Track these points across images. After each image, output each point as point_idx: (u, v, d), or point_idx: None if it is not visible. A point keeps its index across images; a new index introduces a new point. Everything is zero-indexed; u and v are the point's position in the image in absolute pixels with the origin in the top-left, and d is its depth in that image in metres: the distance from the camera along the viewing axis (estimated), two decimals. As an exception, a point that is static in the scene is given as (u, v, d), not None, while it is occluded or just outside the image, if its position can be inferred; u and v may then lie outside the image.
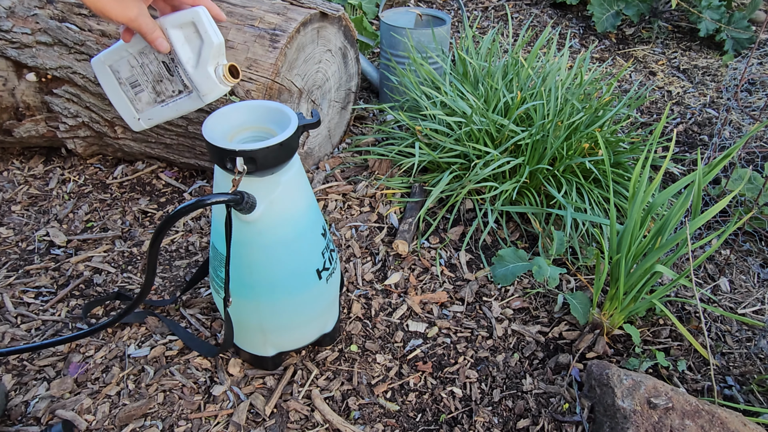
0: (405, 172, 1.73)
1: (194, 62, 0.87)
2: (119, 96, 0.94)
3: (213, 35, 0.85)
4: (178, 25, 0.85)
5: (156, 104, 0.94)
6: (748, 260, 1.51)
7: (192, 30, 0.86)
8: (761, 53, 2.62)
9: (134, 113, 0.95)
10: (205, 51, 0.86)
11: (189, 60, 0.87)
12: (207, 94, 0.89)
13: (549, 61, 1.78)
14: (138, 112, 0.95)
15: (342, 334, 1.27)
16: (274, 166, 0.90)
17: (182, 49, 0.87)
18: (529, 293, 1.39)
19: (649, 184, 1.18)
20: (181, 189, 1.71)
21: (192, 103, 0.92)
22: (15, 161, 1.82)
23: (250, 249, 0.97)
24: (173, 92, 0.92)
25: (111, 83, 0.93)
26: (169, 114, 0.94)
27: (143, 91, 0.93)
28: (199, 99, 0.90)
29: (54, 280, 1.40)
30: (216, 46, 0.86)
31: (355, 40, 1.78)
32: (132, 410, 1.10)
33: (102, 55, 0.92)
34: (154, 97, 0.93)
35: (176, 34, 0.86)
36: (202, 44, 0.86)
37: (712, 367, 1.17)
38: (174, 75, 0.90)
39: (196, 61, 0.87)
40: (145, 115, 0.95)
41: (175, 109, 0.93)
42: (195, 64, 0.87)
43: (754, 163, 1.84)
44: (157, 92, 0.93)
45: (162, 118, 0.95)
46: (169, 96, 0.93)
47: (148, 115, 0.95)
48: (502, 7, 2.94)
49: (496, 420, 1.11)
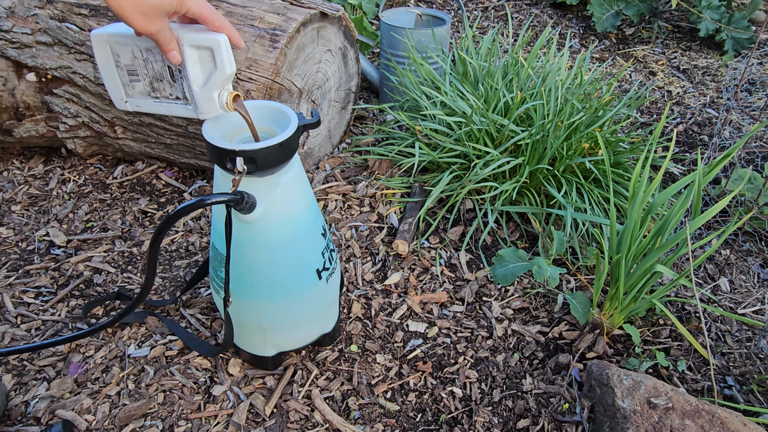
0: (405, 172, 1.73)
1: (201, 83, 0.87)
2: (112, 76, 0.93)
3: (227, 65, 0.84)
4: (195, 46, 0.84)
5: (149, 97, 0.93)
6: (748, 260, 1.51)
7: (208, 54, 0.85)
8: (761, 53, 2.62)
9: (123, 95, 0.94)
10: (215, 77, 0.85)
11: (197, 79, 0.87)
12: (204, 113, 0.89)
13: (549, 61, 1.78)
14: (127, 96, 0.94)
15: (342, 334, 1.27)
16: (274, 166, 0.90)
17: (193, 68, 0.86)
18: (529, 293, 1.39)
19: (649, 184, 1.18)
20: (181, 189, 1.71)
21: (186, 112, 0.92)
22: (15, 161, 1.82)
23: (250, 249, 0.97)
24: (170, 95, 0.92)
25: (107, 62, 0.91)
26: (158, 109, 0.94)
27: (140, 81, 0.92)
28: (194, 113, 0.90)
29: (54, 280, 1.40)
30: (228, 76, 0.85)
31: (355, 40, 1.78)
32: (132, 410, 1.10)
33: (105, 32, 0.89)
34: (148, 91, 0.92)
35: (191, 53, 0.85)
36: (214, 70, 0.85)
37: (712, 367, 1.17)
38: (176, 82, 0.90)
39: (203, 82, 0.87)
40: (134, 101, 0.94)
41: (167, 109, 0.93)
42: (202, 85, 0.87)
43: (754, 163, 1.84)
44: (154, 88, 0.92)
45: (150, 110, 0.95)
46: (165, 96, 0.92)
47: (136, 102, 0.94)
48: (502, 7, 2.94)
49: (496, 420, 1.11)
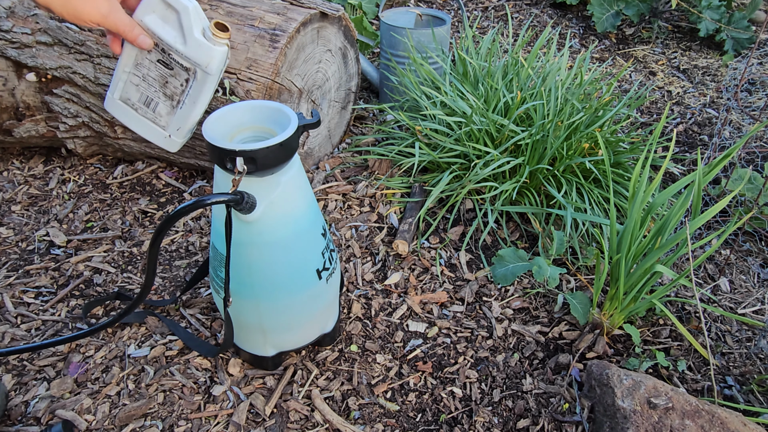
0: (405, 172, 1.73)
1: (181, 38, 0.83)
2: (142, 123, 0.92)
3: (184, 0, 0.81)
4: (150, 10, 0.82)
5: (175, 109, 0.91)
6: (748, 260, 1.51)
7: (164, 7, 0.81)
8: (761, 53, 2.62)
9: (162, 132, 0.93)
10: (184, 20, 0.82)
11: (175, 39, 0.83)
12: (209, 63, 0.85)
13: (549, 61, 1.78)
14: (165, 129, 0.92)
15: (342, 334, 1.27)
16: (274, 166, 0.90)
17: (164, 31, 0.83)
18: (529, 293, 1.39)
19: (649, 184, 1.18)
20: (181, 189, 1.71)
21: (203, 85, 0.88)
22: (15, 161, 1.82)
23: (250, 249, 0.97)
24: (181, 85, 0.89)
25: (130, 115, 0.91)
26: (191, 112, 0.90)
27: (158, 104, 0.91)
28: (205, 74, 0.86)
29: (54, 280, 1.40)
30: (192, 10, 0.81)
31: (355, 40, 1.78)
32: (132, 410, 1.10)
33: (108, 93, 0.91)
34: (169, 104, 0.90)
35: (152, 20, 0.82)
36: (178, 15, 0.82)
37: (712, 367, 1.17)
38: (174, 67, 0.87)
39: (182, 35, 0.83)
40: (173, 126, 0.92)
41: (193, 103, 0.89)
42: (183, 40, 0.83)
43: (754, 163, 1.84)
44: (169, 96, 0.90)
45: (188, 122, 0.91)
46: (180, 92, 0.89)
47: (175, 126, 0.92)
48: (502, 7, 2.94)
49: (496, 420, 1.11)
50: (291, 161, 0.95)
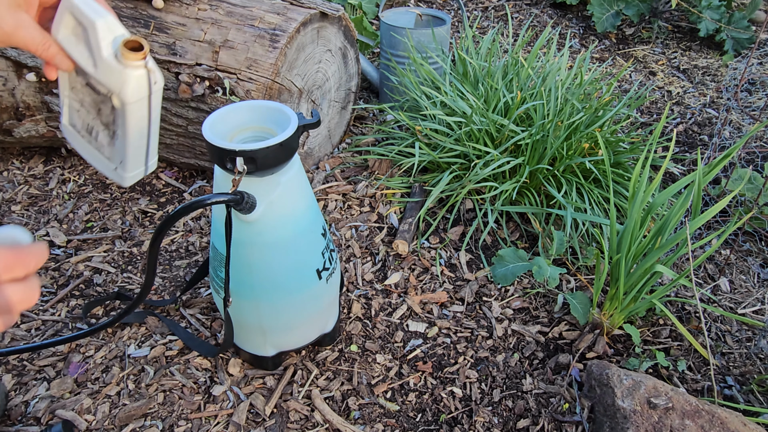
0: (405, 172, 1.73)
1: (92, 60, 0.66)
2: (91, 152, 0.77)
3: (91, 14, 0.63)
4: (63, 26, 0.66)
5: (113, 140, 0.74)
6: (748, 260, 1.51)
7: (75, 22, 0.65)
8: (761, 53, 2.62)
9: (109, 164, 0.76)
10: (92, 38, 0.64)
11: (87, 60, 0.66)
12: (121, 90, 0.67)
13: (549, 61, 1.78)
14: (111, 161, 0.76)
15: (342, 334, 1.27)
16: (274, 166, 0.90)
17: (76, 51, 0.67)
18: (529, 293, 1.39)
19: (649, 184, 1.18)
20: (181, 189, 1.71)
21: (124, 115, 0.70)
22: (15, 161, 1.82)
23: (250, 249, 0.97)
24: (111, 113, 0.72)
25: (79, 142, 0.78)
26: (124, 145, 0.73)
27: (98, 132, 0.75)
28: (120, 103, 0.68)
29: (54, 280, 1.40)
30: (100, 26, 0.63)
31: (355, 40, 1.78)
32: (132, 410, 1.10)
33: (61, 118, 0.77)
34: (107, 133, 0.74)
35: (65, 38, 0.67)
36: (86, 33, 0.65)
37: (712, 367, 1.17)
38: (100, 92, 0.71)
39: (92, 57, 0.66)
40: (116, 159, 0.75)
41: (123, 135, 0.72)
42: (94, 63, 0.66)
43: (754, 163, 1.84)
44: (105, 124, 0.74)
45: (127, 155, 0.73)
46: (112, 121, 0.73)
47: (117, 158, 0.75)
48: (502, 7, 2.94)
49: (496, 420, 1.11)
50: (291, 161, 0.95)
